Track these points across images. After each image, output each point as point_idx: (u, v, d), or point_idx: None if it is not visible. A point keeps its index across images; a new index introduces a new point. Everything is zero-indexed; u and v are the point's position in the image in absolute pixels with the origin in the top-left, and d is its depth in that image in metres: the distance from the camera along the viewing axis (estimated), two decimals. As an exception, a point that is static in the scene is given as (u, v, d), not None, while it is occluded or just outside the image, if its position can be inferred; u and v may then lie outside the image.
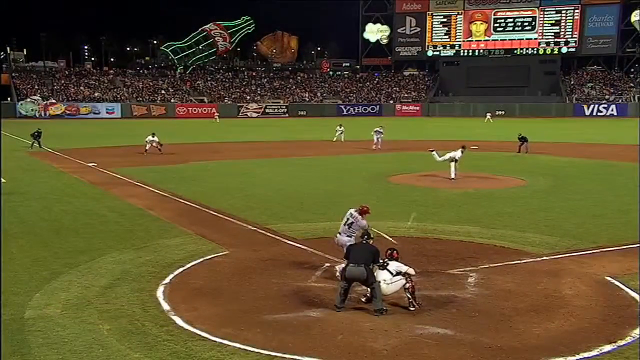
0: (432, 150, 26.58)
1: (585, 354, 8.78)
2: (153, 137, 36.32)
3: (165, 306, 10.63)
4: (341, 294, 10.22)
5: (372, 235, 10.73)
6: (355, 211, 12.03)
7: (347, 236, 11.86)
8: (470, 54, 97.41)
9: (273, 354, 8.67)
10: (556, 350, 8.87)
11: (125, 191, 23.19)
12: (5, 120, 58.56)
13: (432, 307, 10.66)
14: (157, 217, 18.37)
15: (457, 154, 25.59)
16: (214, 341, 9.10)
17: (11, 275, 12.51)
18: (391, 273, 10.47)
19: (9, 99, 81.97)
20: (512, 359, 8.55)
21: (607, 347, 9.01)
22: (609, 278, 12.29)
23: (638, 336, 9.47)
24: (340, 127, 46.11)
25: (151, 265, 13.03)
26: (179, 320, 9.94)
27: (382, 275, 10.46)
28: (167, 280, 12.06)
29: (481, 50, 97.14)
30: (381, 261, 10.71)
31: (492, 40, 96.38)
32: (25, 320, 9.98)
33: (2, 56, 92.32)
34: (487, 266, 13.04)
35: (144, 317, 10.11)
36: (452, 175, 25.29)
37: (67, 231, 16.48)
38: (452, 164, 25.44)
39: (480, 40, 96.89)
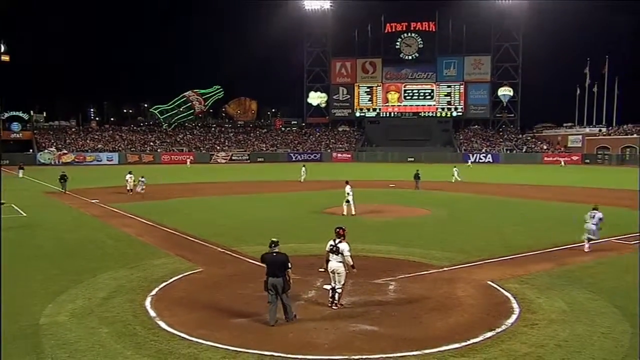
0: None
1: (474, 340, 9.01)
2: (130, 174, 33.85)
3: (152, 313, 10.37)
4: (271, 302, 9.72)
5: (278, 242, 9.91)
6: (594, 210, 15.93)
7: (593, 224, 15.84)
8: (387, 115, 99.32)
9: (238, 349, 8.55)
10: (453, 338, 9.05)
11: (120, 222, 22.55)
12: (28, 167, 56.75)
13: (362, 309, 10.71)
14: (145, 242, 17.93)
15: (348, 190, 23.95)
16: (191, 340, 8.93)
17: (29, 290, 12.08)
18: (343, 255, 10.40)
19: (30, 150, 79.74)
20: (422, 347, 8.66)
21: (489, 334, 9.29)
22: (489, 282, 12.64)
23: (510, 324, 9.76)
24: (304, 168, 44.84)
25: (141, 281, 12.70)
26: (163, 324, 9.70)
27: (337, 260, 10.41)
28: (153, 292, 11.78)
29: (395, 113, 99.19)
30: (333, 243, 10.54)
31: (403, 105, 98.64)
32: (40, 326, 9.64)
33: (27, 118, 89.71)
34: (403, 276, 13.20)
35: (135, 322, 9.84)
36: (353, 212, 23.63)
37: (74, 254, 15.93)
38: (350, 200, 23.78)
39: (395, 105, 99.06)
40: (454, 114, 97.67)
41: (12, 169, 57.45)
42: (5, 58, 75.02)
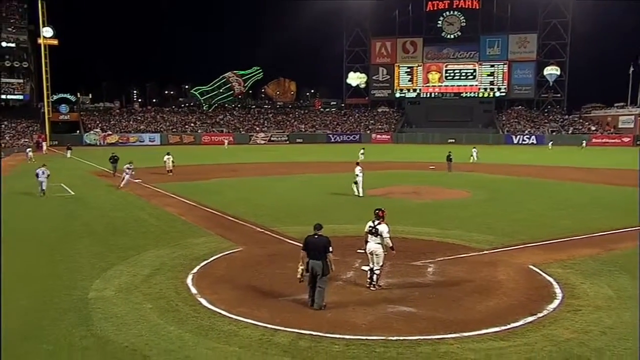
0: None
1: (514, 324, 8.88)
2: (169, 155, 34.46)
3: (194, 290, 10.63)
4: (310, 282, 9.66)
5: (321, 226, 9.82)
6: None
7: None
8: (428, 96, 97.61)
9: (277, 327, 8.68)
10: (493, 322, 8.94)
11: (163, 201, 23.12)
12: (75, 148, 58.96)
13: (400, 290, 10.69)
14: (187, 221, 18.33)
15: (357, 172, 23.97)
16: (231, 318, 9.12)
17: (78, 265, 12.59)
18: (382, 237, 10.39)
19: (77, 131, 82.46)
20: (461, 330, 8.59)
21: (530, 318, 9.13)
22: (531, 266, 12.40)
23: (552, 309, 9.55)
24: (362, 150, 44.36)
25: (182, 259, 13.02)
26: (204, 301, 9.93)
27: (375, 241, 10.42)
28: (194, 270, 12.06)
29: (436, 93, 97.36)
30: (372, 225, 10.52)
31: (444, 85, 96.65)
32: (89, 300, 10.06)
33: (74, 100, 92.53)
34: (442, 259, 13.09)
35: (177, 299, 10.11)
36: (361, 193, 23.63)
37: (119, 232, 16.46)
38: (359, 181, 23.79)
39: (435, 86, 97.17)
40: (497, 94, 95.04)
41: (61, 150, 59.65)
42: (54, 42, 77.23)
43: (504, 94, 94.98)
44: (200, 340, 8.23)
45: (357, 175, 24.11)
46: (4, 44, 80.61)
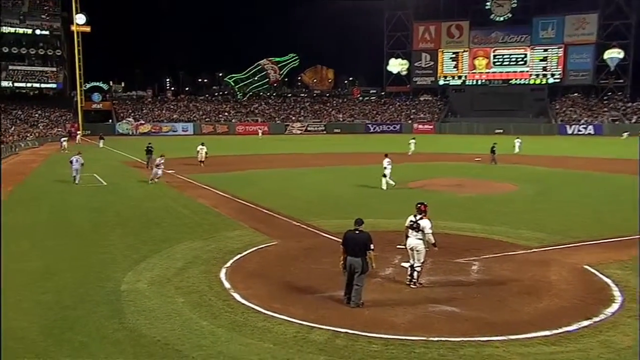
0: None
1: (567, 328, 8.65)
2: (203, 146, 34.50)
3: (227, 285, 10.78)
4: (348, 279, 9.54)
5: (362, 221, 9.62)
6: None
7: None
8: (474, 83, 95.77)
9: (312, 325, 8.72)
10: (543, 325, 8.73)
11: (196, 193, 23.51)
12: (107, 137, 60.63)
13: (442, 289, 10.57)
14: (220, 213, 18.59)
15: (385, 164, 24.05)
16: (265, 314, 9.20)
17: (111, 257, 12.96)
18: (423, 232, 10.33)
19: (110, 120, 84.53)
20: (507, 332, 8.44)
21: (585, 323, 8.88)
22: (586, 266, 12.04)
23: (610, 313, 9.26)
24: (413, 140, 44.28)
25: (216, 252, 13.22)
26: (237, 296, 10.06)
27: (416, 236, 10.39)
28: (228, 264, 12.23)
29: (483, 81, 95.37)
30: (413, 220, 10.44)
31: (492, 72, 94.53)
32: (122, 292, 10.34)
33: (107, 88, 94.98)
34: (487, 256, 12.87)
35: (210, 293, 10.28)
36: (393, 183, 23.80)
37: (152, 224, 16.84)
38: (387, 173, 23.89)
39: (482, 73, 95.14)
40: (550, 80, 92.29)
41: (93, 139, 61.44)
42: (87, 29, 79.28)
43: (558, 80, 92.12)
44: (233, 336, 8.34)
45: (385, 167, 24.02)
46: (38, 31, 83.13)
